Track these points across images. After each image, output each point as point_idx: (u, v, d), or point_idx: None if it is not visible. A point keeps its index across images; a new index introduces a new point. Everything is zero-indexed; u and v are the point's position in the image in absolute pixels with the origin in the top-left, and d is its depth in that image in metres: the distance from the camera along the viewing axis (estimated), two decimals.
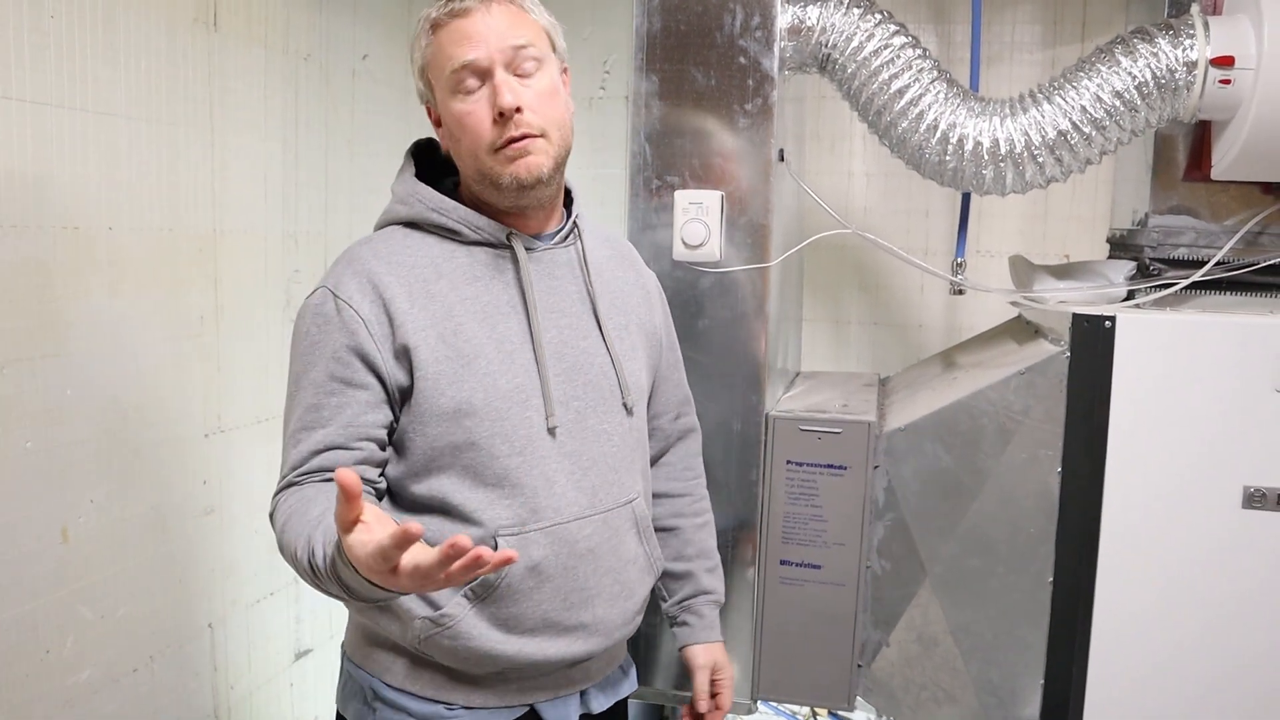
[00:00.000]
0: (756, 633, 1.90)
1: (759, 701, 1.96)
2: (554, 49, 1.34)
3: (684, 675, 1.93)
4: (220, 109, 2.03)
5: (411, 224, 1.36)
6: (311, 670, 2.47)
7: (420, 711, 1.35)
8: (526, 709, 1.38)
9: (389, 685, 1.36)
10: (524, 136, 1.27)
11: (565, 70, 1.38)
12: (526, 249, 1.35)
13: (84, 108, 1.69)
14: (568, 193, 1.44)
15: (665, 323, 1.59)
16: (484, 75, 1.27)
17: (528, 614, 1.31)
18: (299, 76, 2.29)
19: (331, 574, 1.11)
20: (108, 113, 1.74)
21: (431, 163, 1.43)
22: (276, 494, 1.28)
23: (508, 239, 1.34)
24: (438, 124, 1.37)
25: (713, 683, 1.61)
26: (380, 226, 1.40)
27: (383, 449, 1.31)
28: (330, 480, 1.24)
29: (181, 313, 1.95)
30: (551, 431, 1.32)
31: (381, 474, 1.33)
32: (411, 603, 1.30)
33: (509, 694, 1.36)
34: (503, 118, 1.26)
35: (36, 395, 1.63)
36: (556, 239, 1.40)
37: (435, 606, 1.30)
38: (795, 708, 2.69)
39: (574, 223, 1.42)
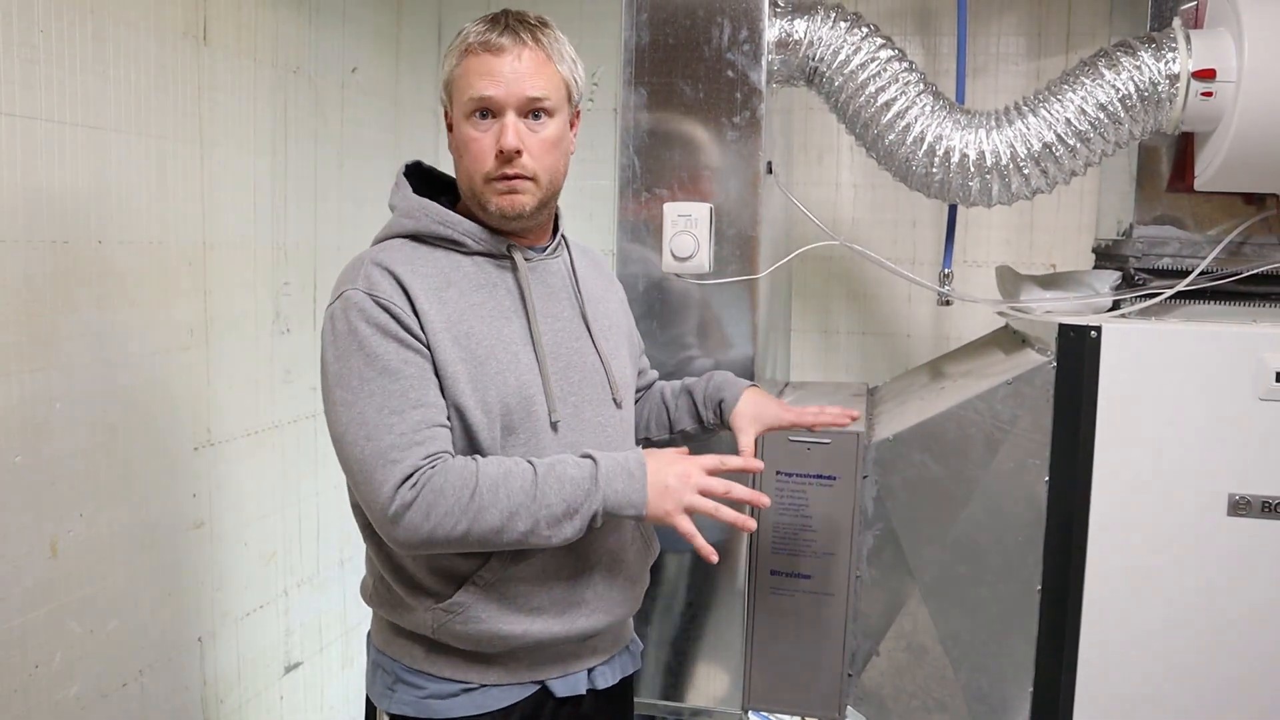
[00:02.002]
0: (747, 643, 1.90)
1: (749, 711, 1.97)
2: (570, 98, 1.44)
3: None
4: (210, 122, 2.03)
5: (415, 237, 1.43)
6: (302, 683, 2.47)
7: (437, 690, 1.44)
8: (538, 685, 1.47)
9: (410, 668, 1.45)
10: (517, 176, 1.38)
11: (578, 114, 1.49)
12: (525, 257, 1.46)
13: (73, 121, 1.69)
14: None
15: (634, 323, 1.72)
16: (497, 112, 1.38)
17: (533, 594, 1.41)
18: (288, 89, 2.29)
19: (582, 462, 1.35)
20: (97, 126, 1.74)
21: (424, 182, 1.52)
22: (407, 477, 1.28)
23: (507, 250, 1.45)
24: (450, 130, 1.45)
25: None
26: (382, 239, 1.46)
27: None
28: (449, 455, 1.32)
29: (171, 325, 1.95)
30: (554, 425, 1.42)
31: None
32: (423, 596, 1.41)
33: (520, 671, 1.45)
34: (502, 154, 1.37)
35: (25, 409, 1.62)
36: (547, 251, 1.51)
37: (445, 596, 1.40)
38: (786, 717, 2.69)
39: (562, 237, 1.54)
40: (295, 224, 2.34)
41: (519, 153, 1.37)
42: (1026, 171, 1.79)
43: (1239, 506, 1.65)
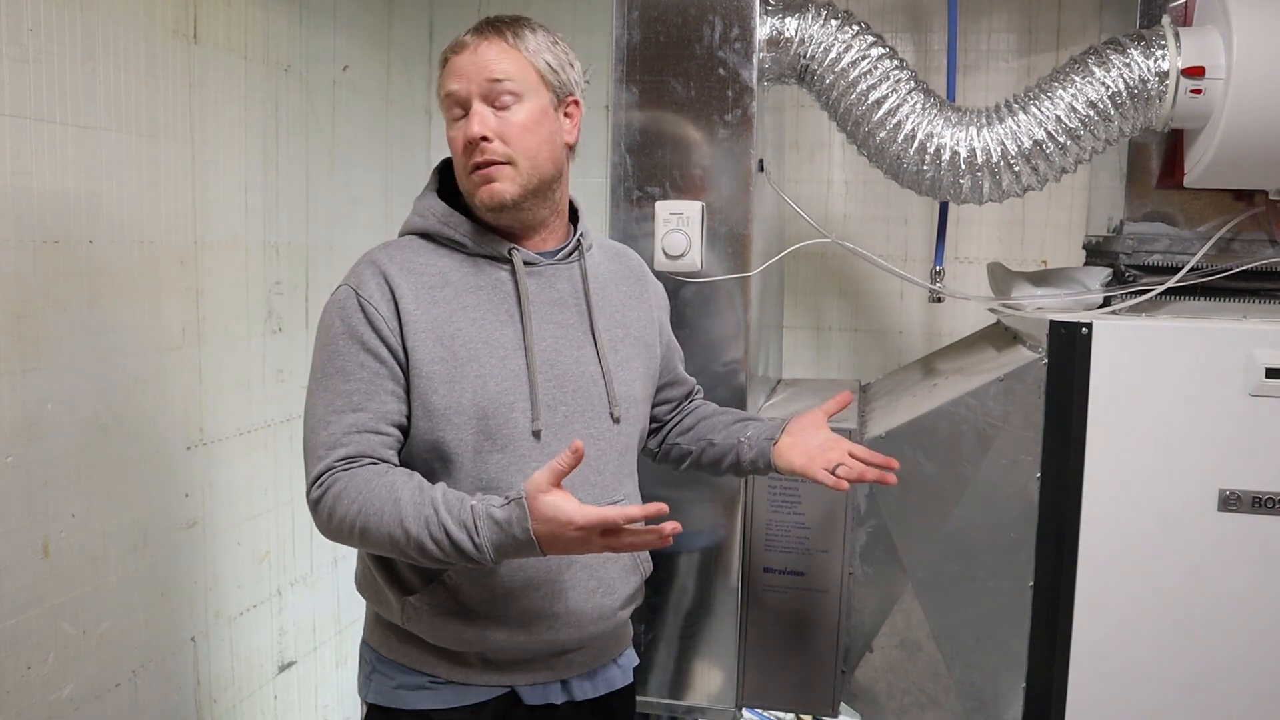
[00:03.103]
0: (741, 640, 1.91)
1: (744, 708, 1.97)
2: (545, 82, 1.42)
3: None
4: (200, 121, 2.02)
5: (426, 235, 1.46)
6: (295, 682, 2.46)
7: (407, 682, 1.45)
8: (506, 690, 1.46)
9: (384, 657, 1.47)
10: (489, 163, 1.38)
11: (575, 102, 1.47)
12: (527, 263, 1.45)
13: (63, 120, 1.69)
14: (575, 210, 1.53)
15: (667, 330, 1.68)
16: (465, 105, 1.39)
17: (494, 603, 1.40)
18: (279, 88, 2.29)
19: (465, 524, 1.25)
20: (87, 125, 1.74)
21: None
22: (319, 477, 1.33)
23: (509, 254, 1.44)
24: None
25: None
26: (401, 234, 1.50)
27: (404, 435, 1.40)
28: (376, 463, 1.33)
29: (163, 325, 1.94)
30: (536, 434, 1.40)
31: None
32: (396, 586, 1.42)
33: (489, 674, 1.45)
34: (471, 145, 1.38)
35: (16, 409, 1.62)
36: (559, 255, 1.48)
37: (414, 590, 1.40)
38: (780, 714, 2.70)
39: (578, 240, 1.51)
40: (286, 223, 2.34)
41: (486, 139, 1.37)
42: (1017, 169, 1.79)
43: (1229, 502, 1.66)
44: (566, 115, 1.46)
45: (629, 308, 1.56)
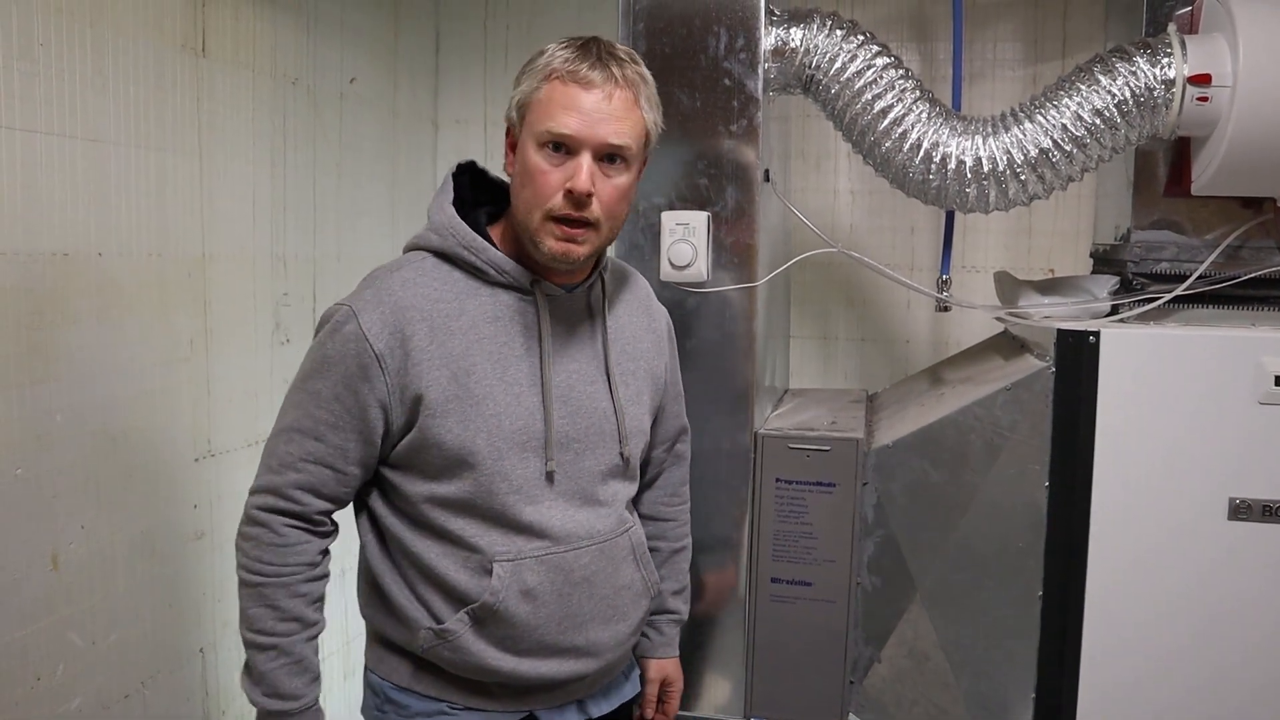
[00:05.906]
0: (748, 650, 1.90)
1: (752, 718, 1.97)
2: (647, 145, 1.37)
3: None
4: (209, 133, 2.03)
5: (442, 254, 1.39)
6: None
7: (423, 710, 1.42)
8: (525, 714, 1.45)
9: (396, 686, 1.44)
10: (580, 223, 1.31)
11: (645, 161, 1.41)
12: (549, 294, 1.40)
13: (73, 134, 1.70)
14: None
15: (672, 361, 1.64)
16: (573, 149, 1.30)
17: (523, 636, 1.38)
18: (287, 100, 2.30)
19: (256, 684, 1.37)
20: (97, 139, 1.75)
21: (476, 185, 1.47)
22: (264, 491, 1.36)
23: (531, 285, 1.39)
24: (511, 148, 1.38)
25: (662, 693, 1.69)
26: (411, 249, 1.43)
27: (366, 474, 1.40)
28: (305, 526, 1.38)
29: (171, 337, 1.95)
30: (549, 476, 1.38)
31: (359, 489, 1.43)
32: (417, 613, 1.39)
33: (508, 699, 1.44)
34: (572, 195, 1.30)
35: (26, 421, 1.63)
36: (579, 289, 1.44)
37: (439, 620, 1.38)
38: None
39: (600, 274, 1.46)
40: (294, 234, 2.35)
41: (589, 196, 1.30)
42: (1024, 177, 1.79)
43: (1239, 510, 1.65)
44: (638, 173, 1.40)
45: (639, 338, 1.52)
